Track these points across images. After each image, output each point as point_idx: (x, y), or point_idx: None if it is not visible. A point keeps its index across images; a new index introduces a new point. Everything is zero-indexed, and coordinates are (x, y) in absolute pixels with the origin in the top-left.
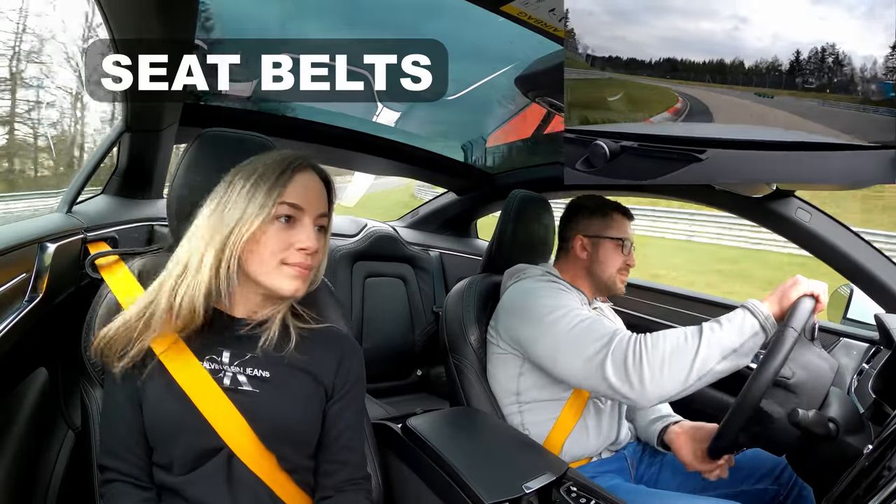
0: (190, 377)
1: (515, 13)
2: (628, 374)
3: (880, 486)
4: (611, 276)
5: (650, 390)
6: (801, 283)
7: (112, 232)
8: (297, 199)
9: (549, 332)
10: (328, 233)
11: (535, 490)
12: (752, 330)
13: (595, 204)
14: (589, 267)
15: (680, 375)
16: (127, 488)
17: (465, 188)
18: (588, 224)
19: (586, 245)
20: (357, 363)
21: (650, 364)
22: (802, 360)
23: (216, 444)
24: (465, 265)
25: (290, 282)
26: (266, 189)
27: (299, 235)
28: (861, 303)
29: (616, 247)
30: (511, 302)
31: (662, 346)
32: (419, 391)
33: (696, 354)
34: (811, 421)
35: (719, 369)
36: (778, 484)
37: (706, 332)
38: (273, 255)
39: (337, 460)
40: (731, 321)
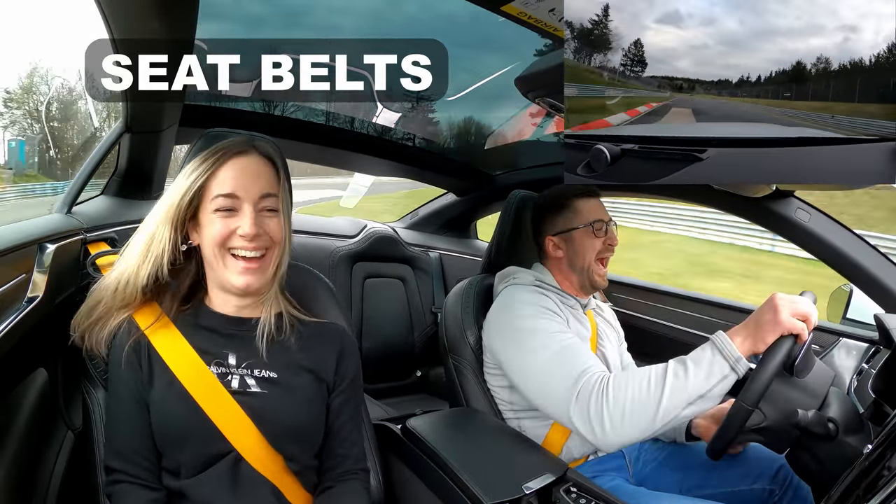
0: (197, 382)
1: (515, 13)
2: (591, 420)
3: (880, 486)
4: (589, 266)
5: (611, 438)
6: (781, 315)
7: (112, 232)
8: (227, 187)
9: (522, 360)
10: (283, 215)
11: (535, 490)
12: (721, 373)
13: (555, 198)
14: (569, 263)
15: (642, 424)
16: (135, 489)
17: (465, 189)
18: (553, 222)
19: (558, 244)
20: (356, 358)
21: (611, 414)
22: (780, 400)
23: (224, 449)
24: (464, 266)
25: (239, 277)
26: (195, 178)
27: (239, 222)
28: (861, 303)
29: (587, 232)
30: (494, 318)
31: (624, 397)
32: (419, 392)
33: (659, 404)
34: (811, 421)
35: (686, 414)
36: (775, 483)
37: (670, 378)
38: (218, 243)
39: (338, 453)
40: (698, 364)
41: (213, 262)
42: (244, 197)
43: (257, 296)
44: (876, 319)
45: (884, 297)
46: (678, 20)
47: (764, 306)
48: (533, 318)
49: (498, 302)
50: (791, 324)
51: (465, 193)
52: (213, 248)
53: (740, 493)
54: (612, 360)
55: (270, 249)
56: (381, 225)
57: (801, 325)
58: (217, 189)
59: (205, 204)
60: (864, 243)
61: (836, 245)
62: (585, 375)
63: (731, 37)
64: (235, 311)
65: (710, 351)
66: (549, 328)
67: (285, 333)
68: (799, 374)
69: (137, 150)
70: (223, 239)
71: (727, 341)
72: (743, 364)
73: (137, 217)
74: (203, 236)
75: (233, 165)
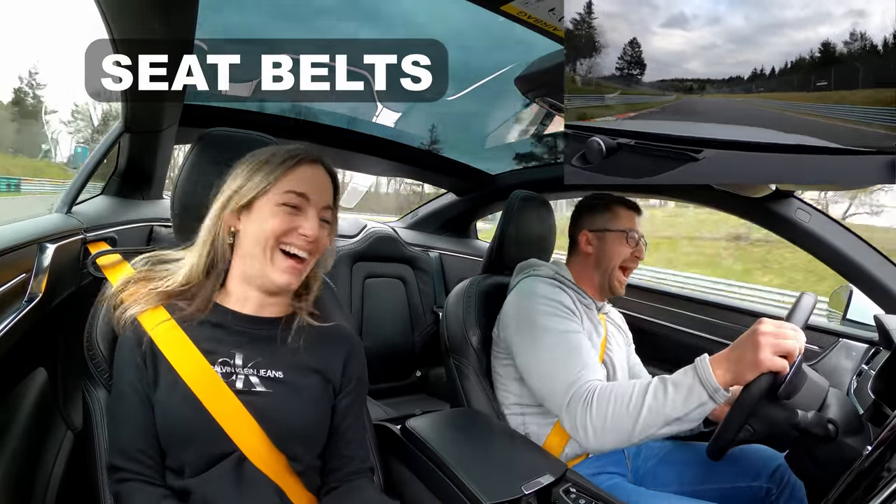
0: (202, 382)
1: (515, 13)
2: (576, 425)
3: (880, 487)
4: (614, 269)
5: (594, 444)
6: (761, 354)
7: (112, 232)
8: (302, 187)
9: (532, 355)
10: (333, 229)
11: (535, 491)
12: (699, 401)
13: (599, 200)
14: (596, 262)
15: (621, 437)
16: (143, 486)
17: (465, 189)
18: (592, 220)
19: (591, 240)
20: (362, 360)
21: (594, 423)
22: (765, 419)
23: (228, 448)
24: (464, 266)
25: (283, 274)
26: (267, 171)
27: (303, 222)
28: (860, 303)
29: (620, 237)
30: (513, 305)
31: (605, 410)
32: (419, 392)
33: (636, 420)
34: (810, 422)
35: (664, 433)
36: (772, 481)
37: (649, 398)
38: (271, 234)
39: (344, 454)
40: (678, 388)
41: (256, 255)
42: (313, 200)
43: (284, 296)
44: (876, 320)
45: (884, 297)
46: (684, 22)
47: (747, 340)
48: (548, 315)
49: (516, 292)
50: (771, 363)
51: (465, 193)
52: (265, 240)
53: (738, 491)
54: (620, 363)
55: (313, 255)
56: (381, 225)
57: (783, 362)
58: (290, 185)
59: (269, 196)
60: (864, 243)
61: (836, 245)
62: (577, 384)
63: (739, 33)
64: (253, 310)
65: (691, 376)
66: (562, 326)
67: (297, 332)
68: (787, 398)
69: (137, 149)
70: (281, 233)
71: (708, 370)
72: (721, 394)
73: (137, 217)
74: (254, 227)
75: (307, 170)
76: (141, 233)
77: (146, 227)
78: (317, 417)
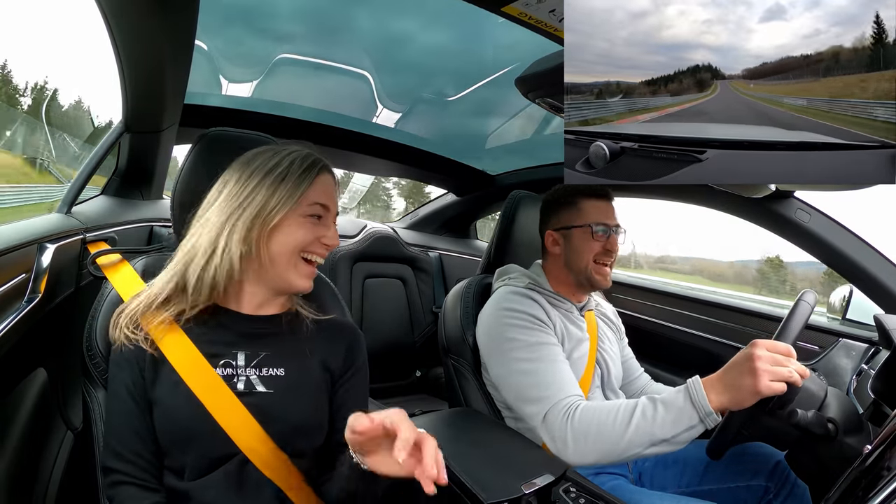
0: (203, 384)
1: (516, 14)
2: (554, 437)
3: (880, 485)
4: (586, 266)
5: (573, 457)
6: (760, 383)
7: (112, 232)
8: (324, 198)
9: (501, 366)
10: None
11: (535, 490)
12: (689, 423)
13: (562, 195)
14: (565, 262)
15: (604, 452)
16: (136, 491)
17: (464, 189)
18: (557, 217)
19: (557, 239)
20: (363, 350)
21: (575, 436)
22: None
23: (230, 451)
24: (464, 266)
25: (306, 280)
26: (293, 182)
27: (326, 231)
28: (860, 303)
29: (585, 233)
30: (485, 317)
31: (589, 423)
32: (418, 392)
33: (622, 436)
34: (810, 421)
35: (648, 453)
36: (772, 480)
37: (637, 416)
38: (298, 246)
39: (343, 443)
40: (668, 409)
41: (279, 263)
42: (332, 209)
43: (286, 294)
44: (876, 320)
45: (884, 297)
46: (782, 13)
47: (742, 365)
48: (516, 327)
49: (490, 302)
50: (770, 391)
51: (464, 193)
52: (290, 251)
53: (738, 490)
54: (613, 361)
55: (323, 257)
56: (381, 225)
57: (782, 386)
58: (315, 197)
59: (296, 208)
60: (864, 244)
61: (836, 245)
62: (554, 398)
63: (844, 12)
64: (254, 309)
65: (682, 398)
66: (532, 339)
67: (298, 328)
68: (782, 408)
69: (137, 149)
70: (307, 243)
71: (701, 393)
72: (713, 419)
73: (137, 217)
74: (279, 239)
75: (325, 179)
76: (141, 233)
77: (146, 227)
78: (318, 410)
